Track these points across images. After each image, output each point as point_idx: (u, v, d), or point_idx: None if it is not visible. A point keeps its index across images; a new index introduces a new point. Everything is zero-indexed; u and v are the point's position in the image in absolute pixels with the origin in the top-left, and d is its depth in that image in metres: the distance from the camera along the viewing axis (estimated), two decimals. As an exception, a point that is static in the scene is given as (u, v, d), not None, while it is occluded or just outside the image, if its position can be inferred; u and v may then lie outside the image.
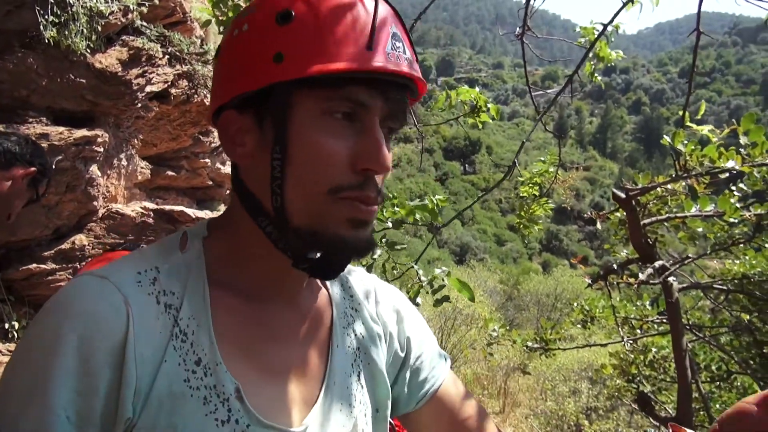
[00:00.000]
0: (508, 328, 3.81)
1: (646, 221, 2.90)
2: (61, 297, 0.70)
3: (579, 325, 4.28)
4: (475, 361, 12.25)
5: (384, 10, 0.74)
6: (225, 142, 0.78)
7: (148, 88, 3.91)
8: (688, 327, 3.52)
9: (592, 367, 11.48)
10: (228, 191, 6.60)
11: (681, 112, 2.08)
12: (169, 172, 5.10)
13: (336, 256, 0.76)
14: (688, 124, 2.02)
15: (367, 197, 0.73)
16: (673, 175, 2.21)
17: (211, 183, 5.95)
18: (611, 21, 2.15)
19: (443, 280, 1.83)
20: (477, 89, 2.58)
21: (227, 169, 6.25)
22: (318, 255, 0.77)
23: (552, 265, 47.56)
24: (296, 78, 0.70)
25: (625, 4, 2.02)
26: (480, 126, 2.37)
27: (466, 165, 76.71)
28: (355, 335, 0.92)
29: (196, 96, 4.52)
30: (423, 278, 1.88)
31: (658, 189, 2.83)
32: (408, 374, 0.97)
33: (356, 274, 1.00)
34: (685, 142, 2.00)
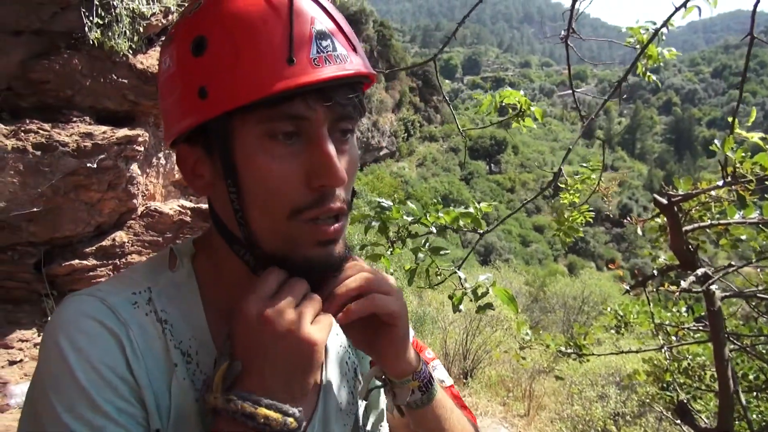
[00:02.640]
0: (540, 332, 3.78)
1: (688, 228, 2.85)
2: (62, 319, 0.70)
3: (613, 330, 4.22)
4: (500, 363, 12.15)
5: (302, 7, 0.69)
6: (185, 174, 0.76)
7: (187, 89, 3.98)
8: (726, 335, 3.44)
9: (620, 372, 11.31)
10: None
11: (730, 118, 2.03)
12: (203, 171, 5.18)
13: (310, 276, 0.74)
14: (738, 131, 1.97)
15: (328, 210, 0.71)
16: (719, 182, 2.17)
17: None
18: (666, 22, 2.09)
19: (487, 288, 1.83)
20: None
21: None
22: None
23: (578, 267, 46.93)
24: (222, 113, 0.67)
25: (683, 5, 1.97)
26: (524, 130, 2.34)
27: (492, 165, 76.16)
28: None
29: (231, 96, 4.58)
30: (467, 285, 1.87)
31: (701, 195, 2.77)
32: None
33: None
34: (735, 148, 1.96)
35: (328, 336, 0.69)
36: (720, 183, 2.15)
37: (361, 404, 0.92)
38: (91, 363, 0.66)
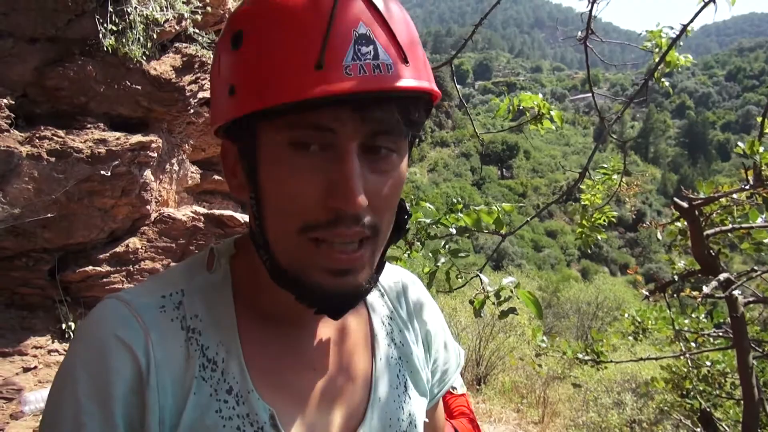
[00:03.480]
0: (557, 338, 3.73)
1: (709, 232, 2.79)
2: (84, 326, 0.69)
3: (630, 337, 4.15)
4: (514, 369, 12.06)
5: (349, 7, 0.62)
6: (224, 170, 0.74)
7: (201, 95, 3.97)
8: (749, 342, 3.37)
9: (635, 378, 11.16)
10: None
11: (759, 119, 1.98)
12: (216, 177, 5.18)
13: (325, 304, 0.68)
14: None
15: (340, 234, 0.63)
16: (744, 185, 2.12)
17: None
18: (689, 23, 2.05)
19: (511, 291, 1.79)
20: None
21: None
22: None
23: (591, 272, 46.57)
24: (246, 113, 0.63)
25: (706, 5, 1.93)
26: (542, 132, 2.31)
27: (504, 169, 75.92)
28: (396, 343, 0.87)
29: (244, 102, 4.58)
30: (489, 288, 1.84)
31: (722, 199, 2.72)
32: (429, 375, 0.94)
33: (387, 273, 0.94)
34: (761, 151, 1.91)
35: None
36: (745, 186, 2.10)
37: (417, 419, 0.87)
38: (93, 377, 0.65)
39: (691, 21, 2.06)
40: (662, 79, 2.51)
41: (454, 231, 1.90)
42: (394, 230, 0.74)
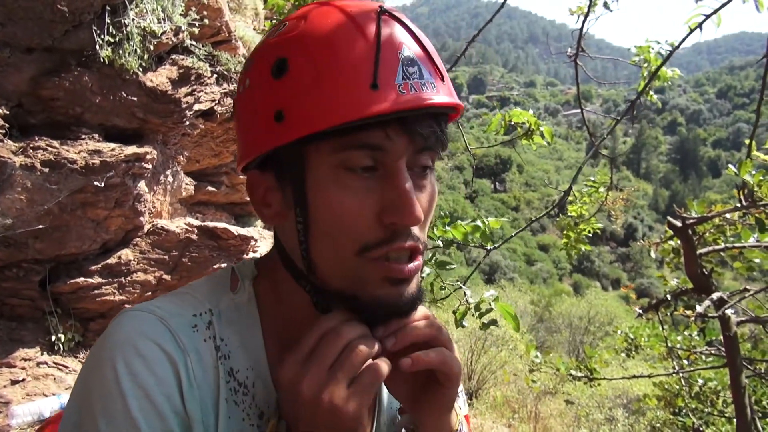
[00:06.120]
0: (551, 354, 3.72)
1: (702, 251, 2.81)
2: (116, 336, 0.66)
3: (623, 354, 4.16)
4: (505, 383, 12.03)
5: (391, 31, 0.65)
6: (253, 202, 0.75)
7: (197, 107, 3.97)
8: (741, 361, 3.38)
9: (627, 394, 11.16)
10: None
11: (747, 141, 2.01)
12: (210, 188, 5.17)
13: (377, 317, 0.69)
14: (755, 153, 1.95)
15: (399, 249, 0.66)
16: (738, 205, 2.14)
17: (249, 199, 6.02)
18: (678, 47, 2.09)
19: (491, 304, 1.80)
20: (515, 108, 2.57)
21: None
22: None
23: (583, 286, 46.70)
24: (298, 138, 0.64)
25: (692, 31, 1.97)
26: (533, 148, 2.33)
27: (497, 183, 76.23)
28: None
29: (239, 114, 4.59)
30: (471, 300, 1.84)
31: (716, 218, 2.74)
32: None
33: None
34: (753, 172, 1.93)
35: (369, 398, 0.64)
36: (738, 205, 2.12)
37: None
38: (146, 391, 0.63)
39: (679, 45, 2.10)
40: (651, 93, 2.54)
41: (441, 244, 1.91)
42: None
